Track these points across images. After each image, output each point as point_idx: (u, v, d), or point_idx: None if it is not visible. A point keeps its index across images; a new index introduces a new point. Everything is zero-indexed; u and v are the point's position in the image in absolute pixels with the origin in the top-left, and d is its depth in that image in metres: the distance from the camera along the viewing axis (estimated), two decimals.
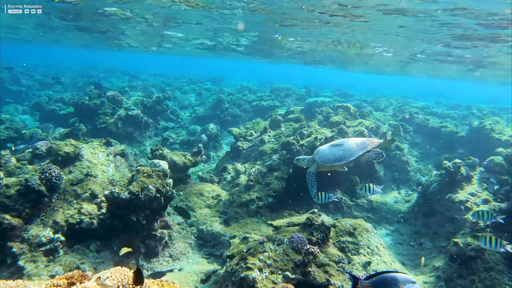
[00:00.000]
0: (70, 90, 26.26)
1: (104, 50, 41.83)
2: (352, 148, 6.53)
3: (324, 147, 6.81)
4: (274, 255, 5.89)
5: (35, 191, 6.31)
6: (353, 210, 10.20)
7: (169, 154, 9.24)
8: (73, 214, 6.59)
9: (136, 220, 6.65)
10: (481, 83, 43.63)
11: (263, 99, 22.56)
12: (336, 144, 6.68)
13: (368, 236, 7.18)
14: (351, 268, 6.45)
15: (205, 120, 20.00)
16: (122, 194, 6.39)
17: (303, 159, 7.16)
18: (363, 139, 6.78)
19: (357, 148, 6.51)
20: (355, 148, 6.52)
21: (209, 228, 8.04)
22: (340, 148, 6.54)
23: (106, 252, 6.61)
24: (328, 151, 6.64)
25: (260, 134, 11.59)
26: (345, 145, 6.57)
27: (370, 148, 6.56)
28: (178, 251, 7.61)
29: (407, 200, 11.21)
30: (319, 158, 6.67)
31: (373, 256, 6.87)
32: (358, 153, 6.39)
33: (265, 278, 5.56)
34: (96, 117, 14.58)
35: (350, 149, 6.50)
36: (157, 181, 6.89)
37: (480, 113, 19.42)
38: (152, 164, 7.40)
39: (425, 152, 13.69)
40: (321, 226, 6.74)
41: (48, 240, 6.09)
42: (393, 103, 21.36)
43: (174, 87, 30.60)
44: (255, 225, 8.08)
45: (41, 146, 9.54)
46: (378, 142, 6.68)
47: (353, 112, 12.73)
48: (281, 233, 6.73)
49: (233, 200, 8.74)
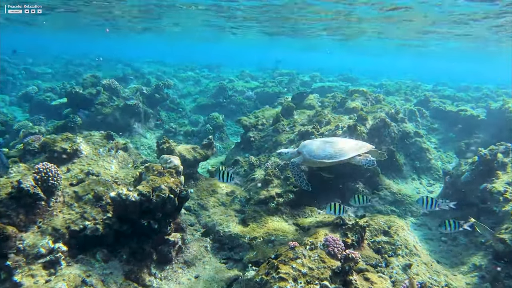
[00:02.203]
0: (60, 79, 25.09)
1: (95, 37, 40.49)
2: (344, 148, 6.07)
3: (312, 141, 6.37)
4: (308, 262, 5.17)
5: (29, 194, 5.48)
6: (376, 203, 9.50)
7: (177, 147, 8.42)
8: (75, 220, 5.79)
9: (147, 225, 5.87)
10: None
11: (267, 86, 21.65)
12: (327, 140, 6.27)
13: (405, 235, 6.48)
14: (391, 272, 5.76)
15: (207, 108, 19.12)
16: (130, 196, 5.59)
17: (286, 153, 6.65)
18: (356, 141, 6.34)
19: (349, 149, 6.06)
20: (347, 149, 6.06)
21: (225, 229, 7.29)
22: (331, 146, 6.10)
23: (114, 261, 5.84)
24: (317, 146, 6.18)
25: (273, 123, 10.77)
26: (336, 143, 6.16)
27: (362, 152, 6.12)
28: (193, 256, 6.87)
29: (430, 191, 10.53)
30: (306, 151, 6.18)
31: (412, 257, 6.18)
32: (350, 154, 5.99)
33: None
34: (92, 108, 13.65)
35: (342, 148, 6.06)
36: (170, 179, 6.09)
37: (494, 95, 18.70)
38: (163, 160, 6.58)
39: (444, 138, 12.97)
40: (356, 226, 6.03)
41: (47, 250, 5.30)
42: (402, 86, 20.54)
43: (171, 75, 29.50)
44: (276, 225, 7.34)
45: (34, 141, 8.69)
46: (371, 148, 6.22)
47: (369, 97, 11.92)
48: (311, 235, 6.00)
49: (250, 197, 7.98)
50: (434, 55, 41.76)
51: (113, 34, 39.34)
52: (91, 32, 39.16)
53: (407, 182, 10.76)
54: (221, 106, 19.24)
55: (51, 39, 46.66)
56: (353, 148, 6.14)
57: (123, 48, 53.78)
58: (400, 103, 15.14)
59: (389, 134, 10.92)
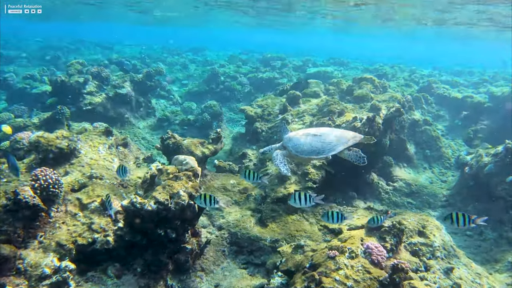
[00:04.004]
0: (37, 64, 23.37)
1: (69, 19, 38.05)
2: (332, 142, 5.62)
3: (297, 135, 5.80)
4: (352, 274, 4.66)
5: (28, 206, 4.71)
6: (392, 195, 9.14)
7: (184, 142, 7.69)
8: (81, 232, 5.06)
9: (164, 234, 5.21)
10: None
11: (260, 71, 20.83)
12: (314, 134, 5.76)
13: (441, 235, 6.07)
14: (433, 278, 5.34)
15: (199, 95, 18.23)
16: (146, 205, 4.89)
17: (269, 150, 6.12)
18: (343, 132, 5.86)
19: (337, 142, 5.61)
20: (335, 142, 5.61)
21: (243, 231, 6.71)
22: (318, 140, 5.65)
23: (128, 276, 5.18)
24: (304, 141, 5.71)
25: (280, 113, 10.12)
26: (324, 136, 5.68)
27: (351, 144, 5.67)
28: (211, 262, 6.28)
29: (443, 180, 10.23)
30: (292, 147, 5.72)
31: (451, 259, 5.79)
32: (338, 147, 5.56)
33: None
34: (80, 97, 12.59)
35: (330, 142, 5.62)
36: (188, 184, 5.41)
37: (492, 80, 18.56)
38: (177, 161, 5.88)
39: (450, 125, 12.68)
40: (393, 229, 5.55)
41: (53, 270, 4.58)
42: (397, 71, 20.14)
43: (155, 59, 28.06)
44: (298, 225, 6.82)
45: (23, 139, 7.77)
46: (360, 138, 5.76)
47: (378, 84, 11.40)
48: (345, 240, 5.49)
49: (266, 194, 7.40)
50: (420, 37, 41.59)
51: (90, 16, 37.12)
52: (64, 15, 36.83)
53: (419, 171, 10.43)
54: (213, 93, 18.36)
55: (18, 22, 43.44)
56: (341, 142, 5.62)
57: (100, 31, 50.97)
58: (401, 89, 14.73)
59: (399, 123, 10.50)
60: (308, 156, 5.66)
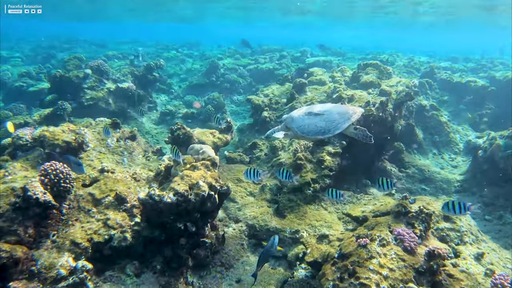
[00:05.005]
0: (31, 63, 22.79)
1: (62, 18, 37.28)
2: (336, 119, 5.42)
3: (299, 114, 5.63)
4: (386, 262, 4.44)
5: (39, 203, 4.42)
6: (405, 182, 8.93)
7: (194, 132, 7.40)
8: (97, 229, 4.78)
9: (183, 228, 4.95)
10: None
11: (259, 62, 20.48)
12: (316, 113, 5.57)
13: (467, 219, 5.88)
14: (465, 264, 5.14)
15: (199, 88, 17.85)
16: (165, 197, 4.62)
17: (272, 132, 5.96)
18: (345, 107, 5.66)
19: (341, 119, 5.40)
20: (339, 119, 5.41)
21: (262, 223, 6.46)
22: (321, 118, 5.47)
23: (147, 274, 4.93)
24: (308, 121, 5.54)
25: (288, 102, 9.84)
26: (327, 114, 5.49)
27: (354, 119, 5.46)
28: (230, 257, 6.04)
29: (454, 166, 10.06)
30: (297, 128, 5.53)
31: (480, 244, 5.60)
32: (343, 125, 5.36)
33: None
34: (81, 92, 12.18)
35: (334, 120, 5.43)
36: (206, 173, 5.14)
37: (491, 64, 18.40)
38: (193, 150, 5.59)
39: (454, 110, 12.50)
40: (421, 214, 5.34)
41: (69, 271, 4.31)
42: (396, 59, 19.91)
43: (153, 54, 27.58)
44: (317, 214, 6.59)
45: (25, 135, 7.43)
46: (361, 111, 5.54)
47: (383, 70, 11.15)
48: (372, 227, 5.28)
49: (281, 184, 7.15)
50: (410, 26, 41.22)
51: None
52: (57, 12, 36.01)
53: (428, 157, 10.24)
54: (214, 85, 18.01)
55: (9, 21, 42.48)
56: (345, 118, 5.39)
57: (94, 30, 50.03)
58: (403, 76, 14.51)
59: (407, 109, 10.29)
60: (315, 136, 5.50)
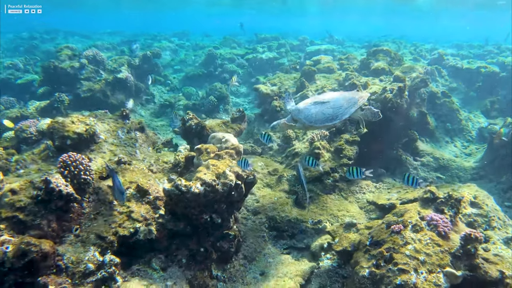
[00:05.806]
0: (12, 55, 21.94)
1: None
2: (343, 105, 5.48)
3: (305, 105, 5.64)
4: (422, 247, 4.33)
5: (62, 195, 4.16)
6: (420, 170, 8.86)
7: (206, 123, 7.16)
8: (121, 222, 4.55)
9: (209, 220, 4.75)
10: None
11: (258, 51, 20.16)
12: (322, 101, 5.61)
13: (493, 204, 5.81)
14: (495, 249, 5.06)
15: (197, 79, 17.51)
16: (193, 187, 4.40)
17: (278, 124, 6.00)
18: (350, 93, 5.70)
19: (347, 104, 5.47)
20: (346, 105, 5.47)
21: (282, 214, 6.30)
22: (328, 106, 5.52)
23: (173, 268, 4.72)
24: (315, 110, 5.56)
25: (298, 90, 9.64)
26: (333, 101, 5.53)
27: (361, 104, 5.53)
28: (252, 249, 5.87)
29: (467, 154, 10.02)
30: (305, 118, 5.56)
31: (507, 229, 5.53)
32: (350, 110, 5.46)
33: (424, 281, 4.02)
34: (77, 83, 11.79)
35: (341, 106, 5.48)
36: (231, 162, 4.93)
37: (498, 50, 18.45)
38: (215, 139, 5.37)
39: (465, 97, 12.46)
40: (450, 200, 5.23)
41: (97, 265, 4.09)
42: (401, 47, 19.81)
43: (143, 45, 26.88)
44: (338, 204, 6.45)
45: (29, 127, 7.12)
46: (367, 96, 5.64)
47: (394, 56, 11.01)
48: (402, 214, 5.16)
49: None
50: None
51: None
52: None
53: (441, 145, 10.18)
54: (212, 76, 17.67)
55: None
56: (351, 103, 5.45)
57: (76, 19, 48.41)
58: (411, 63, 14.40)
59: (420, 96, 10.18)
60: (323, 124, 5.54)
